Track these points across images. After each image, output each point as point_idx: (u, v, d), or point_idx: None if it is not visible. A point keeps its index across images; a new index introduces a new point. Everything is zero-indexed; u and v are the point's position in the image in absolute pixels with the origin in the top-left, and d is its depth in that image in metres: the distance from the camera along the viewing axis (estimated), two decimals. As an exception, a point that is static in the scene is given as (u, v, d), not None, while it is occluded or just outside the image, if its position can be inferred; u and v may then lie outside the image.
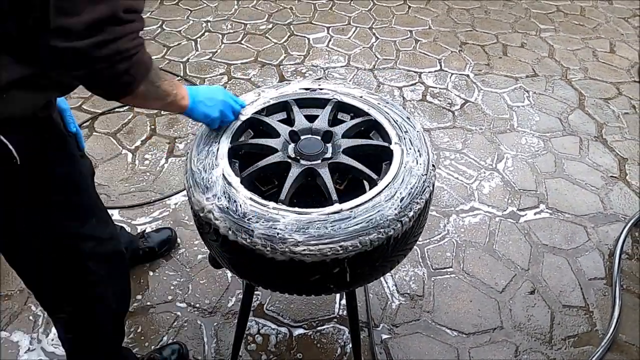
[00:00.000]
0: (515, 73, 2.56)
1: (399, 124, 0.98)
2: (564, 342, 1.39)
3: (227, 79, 2.45)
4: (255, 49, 2.69)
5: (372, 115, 1.00)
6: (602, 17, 3.14)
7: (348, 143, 0.95)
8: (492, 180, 1.90)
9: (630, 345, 1.39)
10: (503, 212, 1.77)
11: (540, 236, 1.69)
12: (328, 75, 2.50)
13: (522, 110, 2.29)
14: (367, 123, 1.01)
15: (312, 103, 1.06)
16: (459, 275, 1.56)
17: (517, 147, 2.07)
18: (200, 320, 1.41)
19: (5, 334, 1.36)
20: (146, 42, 2.80)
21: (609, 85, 2.48)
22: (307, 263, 0.77)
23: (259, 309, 1.44)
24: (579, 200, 1.83)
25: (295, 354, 1.34)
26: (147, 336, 1.37)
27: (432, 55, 2.69)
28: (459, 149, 2.05)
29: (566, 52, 2.75)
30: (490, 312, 1.46)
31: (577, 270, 1.58)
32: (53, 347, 1.34)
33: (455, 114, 2.26)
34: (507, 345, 1.38)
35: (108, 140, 2.05)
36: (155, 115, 2.19)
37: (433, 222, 1.71)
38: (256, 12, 3.07)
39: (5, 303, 1.44)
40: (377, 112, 1.01)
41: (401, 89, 2.41)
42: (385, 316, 1.44)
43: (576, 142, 2.11)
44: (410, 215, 0.81)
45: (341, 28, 2.92)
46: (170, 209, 1.74)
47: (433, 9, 3.15)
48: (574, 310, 1.47)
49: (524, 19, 3.08)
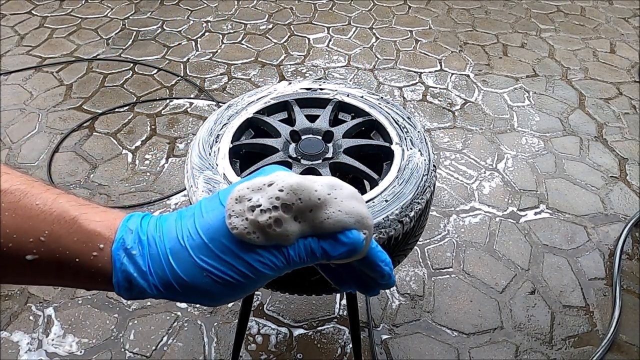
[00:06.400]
0: (515, 73, 2.56)
1: (399, 124, 0.98)
2: (564, 342, 1.39)
3: (227, 79, 2.45)
4: (256, 49, 2.68)
5: (372, 115, 1.00)
6: (602, 17, 3.14)
7: (349, 143, 0.95)
8: (492, 181, 1.90)
9: (631, 345, 1.38)
10: (503, 212, 1.77)
11: (540, 236, 1.69)
12: (328, 75, 2.50)
13: (523, 111, 2.29)
14: (368, 123, 1.01)
15: (312, 103, 1.06)
16: (459, 275, 1.56)
17: (518, 147, 2.07)
18: (200, 321, 1.41)
19: (6, 334, 1.36)
20: (146, 42, 2.81)
21: (609, 86, 2.48)
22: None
23: (259, 309, 1.44)
24: (579, 201, 1.83)
25: (296, 354, 1.34)
26: (147, 336, 1.37)
27: (433, 55, 2.68)
28: (459, 149, 2.05)
29: (566, 52, 2.75)
30: (490, 312, 1.46)
31: (578, 271, 1.58)
32: (53, 347, 1.34)
33: (456, 114, 2.26)
34: (507, 346, 1.38)
35: (108, 140, 2.05)
36: (156, 116, 2.20)
37: (433, 222, 1.71)
38: (256, 12, 3.07)
39: (5, 303, 1.44)
40: (378, 112, 1.01)
41: (401, 89, 2.41)
42: (386, 316, 1.44)
43: (576, 142, 2.11)
44: (411, 215, 0.81)
45: (341, 28, 2.92)
46: (171, 209, 1.74)
47: (433, 9, 3.15)
48: (574, 311, 1.47)
49: (524, 19, 3.08)
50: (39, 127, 2.11)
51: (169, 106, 2.26)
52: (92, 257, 0.35)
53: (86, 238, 0.35)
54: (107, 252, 0.35)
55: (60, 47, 2.67)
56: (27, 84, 2.38)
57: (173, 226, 0.37)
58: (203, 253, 0.35)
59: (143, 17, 2.98)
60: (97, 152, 1.99)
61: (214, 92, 2.36)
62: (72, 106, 2.24)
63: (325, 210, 0.36)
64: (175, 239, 0.36)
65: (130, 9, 3.07)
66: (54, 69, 2.49)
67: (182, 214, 0.38)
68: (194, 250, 0.35)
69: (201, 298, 0.36)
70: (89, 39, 2.75)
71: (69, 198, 0.37)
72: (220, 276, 0.35)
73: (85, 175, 1.88)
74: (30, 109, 2.22)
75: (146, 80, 2.43)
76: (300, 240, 0.36)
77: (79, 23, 2.91)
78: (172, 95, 2.33)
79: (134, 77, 2.45)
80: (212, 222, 0.36)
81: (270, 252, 0.35)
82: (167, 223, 0.37)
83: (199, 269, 0.35)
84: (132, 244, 0.36)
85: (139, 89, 2.36)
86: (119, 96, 2.31)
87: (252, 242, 0.35)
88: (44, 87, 2.36)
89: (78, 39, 2.74)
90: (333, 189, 0.37)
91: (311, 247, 0.36)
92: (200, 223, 0.36)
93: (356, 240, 0.36)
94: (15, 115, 2.17)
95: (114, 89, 2.36)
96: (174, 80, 2.43)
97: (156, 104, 2.27)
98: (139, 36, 2.79)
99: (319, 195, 0.36)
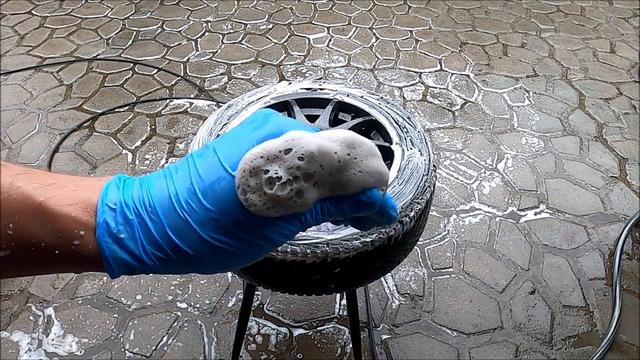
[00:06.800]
0: (515, 73, 2.56)
1: (399, 124, 0.98)
2: (564, 342, 1.39)
3: (227, 79, 2.45)
4: (256, 49, 2.68)
5: (372, 115, 1.00)
6: (602, 17, 3.14)
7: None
8: (492, 181, 1.90)
9: (631, 345, 1.38)
10: (503, 212, 1.77)
11: (540, 236, 1.69)
12: (328, 75, 2.50)
13: (523, 110, 2.29)
14: (368, 123, 1.01)
15: (312, 103, 1.06)
16: (459, 275, 1.56)
17: (518, 147, 2.07)
18: (201, 321, 1.41)
19: (6, 334, 1.36)
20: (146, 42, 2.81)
21: (609, 86, 2.48)
22: (308, 263, 0.77)
23: (259, 309, 1.44)
24: (579, 201, 1.83)
25: (296, 354, 1.34)
26: (147, 336, 1.37)
27: (433, 55, 2.68)
28: (459, 149, 2.05)
29: (566, 52, 2.75)
30: (490, 312, 1.46)
31: (578, 271, 1.58)
32: (53, 347, 1.34)
33: (456, 114, 2.26)
34: (507, 346, 1.38)
35: (108, 140, 2.05)
36: (156, 116, 2.20)
37: (433, 222, 1.71)
38: (256, 12, 3.07)
39: (5, 303, 1.44)
40: (378, 112, 1.01)
41: (401, 89, 2.41)
42: (386, 316, 1.44)
43: (576, 142, 2.11)
44: (411, 215, 0.81)
45: (341, 28, 2.92)
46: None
47: (433, 9, 3.15)
48: (574, 311, 1.47)
49: (524, 19, 3.08)
50: (39, 127, 2.11)
51: (169, 106, 2.26)
52: (73, 246, 0.31)
53: (61, 227, 0.30)
54: (90, 239, 0.31)
55: (60, 47, 2.67)
56: (27, 84, 2.38)
57: (166, 194, 0.32)
58: (213, 230, 0.31)
59: (143, 17, 2.98)
60: (97, 152, 1.99)
61: (214, 92, 2.36)
62: (72, 106, 2.24)
63: (346, 172, 0.33)
64: (173, 212, 0.31)
65: (130, 9, 3.07)
66: (54, 69, 2.49)
67: (171, 176, 0.33)
68: (200, 227, 0.31)
69: (205, 268, 0.33)
70: (89, 39, 2.75)
71: (29, 179, 0.31)
72: (234, 251, 0.32)
73: (86, 175, 1.88)
74: (30, 109, 2.22)
75: (146, 80, 2.43)
76: (317, 202, 0.34)
77: (79, 23, 2.91)
78: (172, 95, 2.33)
79: (134, 77, 2.45)
80: (219, 194, 0.32)
81: (288, 222, 0.33)
82: (156, 190, 0.32)
83: (208, 245, 0.31)
84: (118, 226, 0.31)
85: (139, 89, 2.36)
86: (119, 96, 2.31)
87: (270, 216, 0.32)
88: (44, 87, 2.36)
89: (78, 39, 2.74)
90: (352, 147, 0.34)
91: (328, 208, 0.34)
92: (203, 192, 0.32)
93: (376, 199, 0.35)
94: (15, 115, 2.17)
95: (114, 89, 2.36)
96: (174, 80, 2.43)
97: (156, 104, 2.27)
98: (139, 36, 2.79)
99: (339, 158, 0.33)
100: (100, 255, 0.31)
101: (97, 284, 1.50)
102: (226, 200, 0.32)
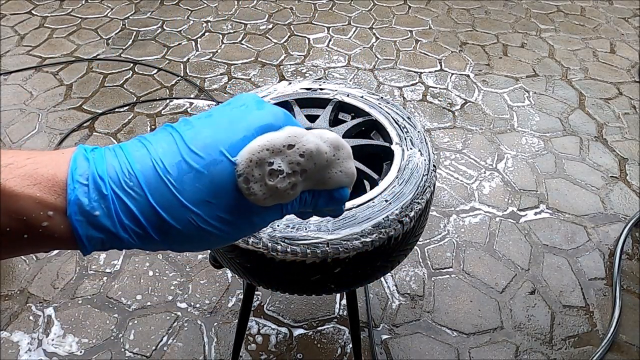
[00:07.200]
0: (515, 73, 2.56)
1: (399, 124, 0.98)
2: (564, 342, 1.39)
3: (227, 79, 2.45)
4: (256, 49, 2.68)
5: (372, 115, 1.00)
6: (602, 17, 3.14)
7: (349, 143, 0.95)
8: (492, 181, 1.90)
9: (631, 345, 1.38)
10: (503, 212, 1.77)
11: (540, 236, 1.69)
12: (328, 75, 2.50)
13: (523, 110, 2.29)
14: (368, 123, 1.01)
15: (312, 103, 1.06)
16: (459, 275, 1.56)
17: (517, 147, 2.07)
18: (200, 321, 1.41)
19: (6, 334, 1.36)
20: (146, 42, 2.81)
21: (609, 85, 2.48)
22: (308, 263, 0.77)
23: (259, 309, 1.44)
24: (579, 201, 1.83)
25: (296, 354, 1.34)
26: (147, 336, 1.37)
27: (433, 55, 2.68)
28: (459, 149, 2.05)
29: (566, 52, 2.75)
30: (490, 312, 1.46)
31: (578, 271, 1.58)
32: (53, 347, 1.34)
33: (456, 114, 2.26)
34: (507, 346, 1.38)
35: (108, 140, 2.05)
36: (156, 116, 2.20)
37: (433, 222, 1.71)
38: (256, 12, 3.07)
39: (5, 303, 1.44)
40: (378, 112, 1.01)
41: (401, 89, 2.41)
42: (386, 316, 1.44)
43: (576, 142, 2.11)
44: (411, 215, 0.81)
45: (341, 28, 2.92)
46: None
47: (433, 9, 3.15)
48: (574, 311, 1.47)
49: (524, 19, 3.08)
50: (39, 127, 2.11)
51: (169, 106, 2.26)
52: (41, 229, 0.28)
53: (25, 210, 0.28)
54: (61, 219, 0.29)
55: (60, 47, 2.67)
56: (27, 84, 2.38)
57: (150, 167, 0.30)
58: (205, 212, 0.31)
59: (143, 17, 2.98)
60: (97, 152, 1.99)
61: (214, 92, 2.36)
62: (72, 106, 2.24)
63: (329, 170, 0.37)
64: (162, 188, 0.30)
65: (130, 9, 3.07)
66: (54, 69, 2.49)
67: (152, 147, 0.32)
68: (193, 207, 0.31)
69: (183, 246, 0.33)
70: (89, 39, 2.75)
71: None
72: (217, 234, 0.33)
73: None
74: (30, 109, 2.22)
75: (146, 80, 2.43)
76: None
77: (79, 23, 2.91)
78: (172, 95, 2.33)
79: (134, 77, 2.45)
80: (216, 177, 0.32)
81: (273, 210, 0.35)
82: (138, 163, 0.31)
83: (196, 225, 0.31)
84: (92, 202, 0.29)
85: (139, 89, 2.36)
86: (119, 96, 2.31)
87: (264, 205, 0.34)
88: (44, 87, 2.36)
89: (78, 39, 2.74)
90: (337, 149, 0.37)
91: (306, 200, 0.37)
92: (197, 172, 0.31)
93: (346, 196, 0.39)
94: (15, 115, 2.17)
95: (114, 89, 2.36)
96: (174, 80, 2.43)
97: (156, 104, 2.27)
98: (139, 36, 2.79)
99: (327, 158, 0.37)
100: (73, 234, 0.29)
101: (97, 284, 1.50)
102: (222, 184, 0.32)
